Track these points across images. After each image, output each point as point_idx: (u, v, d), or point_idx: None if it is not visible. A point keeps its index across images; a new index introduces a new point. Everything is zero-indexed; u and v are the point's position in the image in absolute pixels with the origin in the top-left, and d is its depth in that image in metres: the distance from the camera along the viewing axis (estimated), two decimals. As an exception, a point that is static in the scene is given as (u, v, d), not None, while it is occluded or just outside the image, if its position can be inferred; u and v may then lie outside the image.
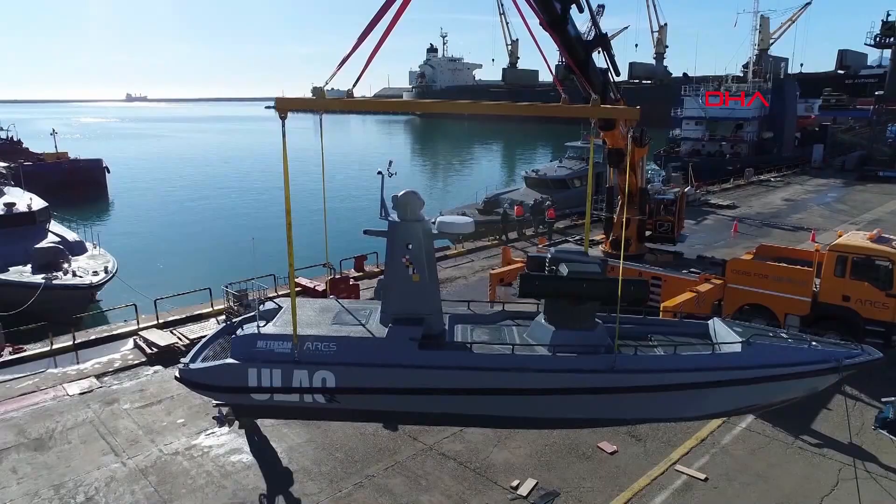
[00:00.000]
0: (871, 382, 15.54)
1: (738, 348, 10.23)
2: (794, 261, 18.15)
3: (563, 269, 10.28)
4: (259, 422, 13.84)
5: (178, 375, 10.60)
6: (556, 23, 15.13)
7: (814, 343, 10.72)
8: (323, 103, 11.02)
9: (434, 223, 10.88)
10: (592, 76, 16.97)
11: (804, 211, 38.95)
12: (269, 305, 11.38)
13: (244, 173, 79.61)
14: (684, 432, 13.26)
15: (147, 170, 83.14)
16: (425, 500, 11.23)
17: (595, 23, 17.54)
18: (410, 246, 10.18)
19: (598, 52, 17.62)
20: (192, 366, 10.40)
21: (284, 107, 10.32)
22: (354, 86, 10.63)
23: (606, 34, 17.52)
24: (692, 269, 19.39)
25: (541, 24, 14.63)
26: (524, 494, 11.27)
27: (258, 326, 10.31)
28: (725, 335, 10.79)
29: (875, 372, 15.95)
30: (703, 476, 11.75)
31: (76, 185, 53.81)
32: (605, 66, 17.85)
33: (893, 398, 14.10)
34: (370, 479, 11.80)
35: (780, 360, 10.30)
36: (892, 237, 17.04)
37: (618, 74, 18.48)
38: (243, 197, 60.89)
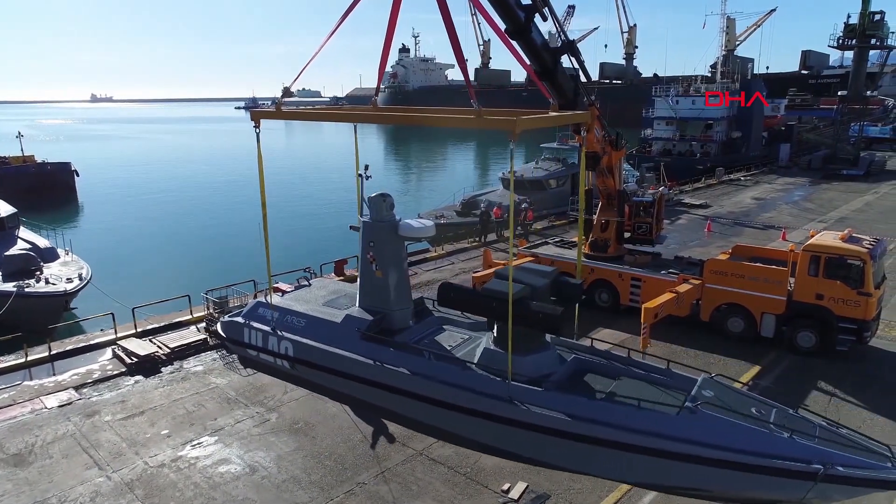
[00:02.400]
0: (846, 377, 16.07)
1: (674, 412, 8.74)
2: (769, 260, 18.62)
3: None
4: (246, 430, 13.78)
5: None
6: (521, 32, 15.23)
7: (806, 436, 8.28)
8: (293, 115, 12.17)
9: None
10: (562, 82, 17.10)
11: (774, 210, 39.87)
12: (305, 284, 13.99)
13: (217, 176, 78.54)
14: (669, 431, 13.53)
15: (116, 173, 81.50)
16: (418, 506, 11.28)
17: (562, 29, 17.63)
18: (373, 244, 11.29)
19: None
20: (224, 318, 13.29)
21: (258, 117, 11.55)
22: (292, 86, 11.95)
23: (574, 40, 17.68)
24: (671, 270, 19.77)
25: (503, 33, 14.65)
26: (515, 498, 11.36)
27: (265, 296, 12.70)
28: (696, 397, 9.11)
29: (851, 368, 16.58)
30: (688, 475, 11.98)
31: (44, 190, 52.62)
32: (575, 72, 18.03)
33: None
34: (361, 487, 11.78)
35: (724, 441, 8.30)
36: (863, 237, 17.60)
37: (588, 80, 18.67)
38: (218, 201, 60.10)
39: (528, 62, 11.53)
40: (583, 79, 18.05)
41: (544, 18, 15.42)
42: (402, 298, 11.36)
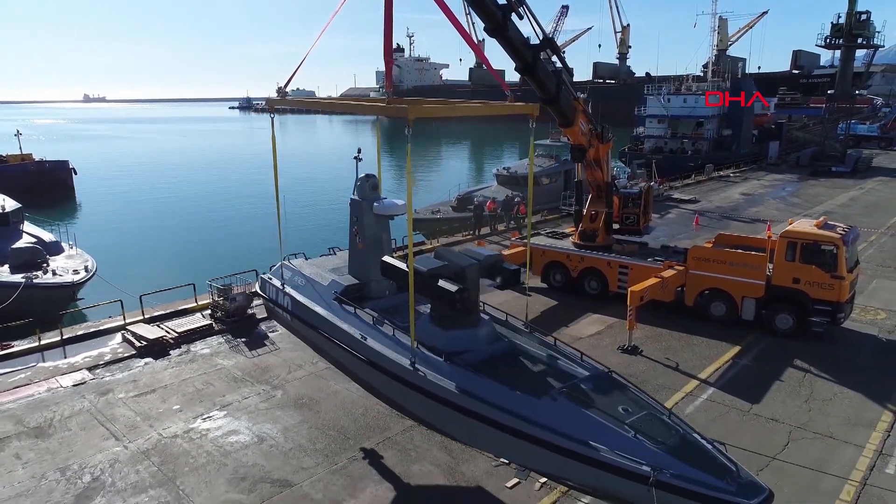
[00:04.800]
0: (821, 356, 16.97)
1: (538, 397, 8.88)
2: (749, 248, 19.49)
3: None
4: (254, 406, 14.59)
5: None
6: (499, 29, 16.19)
7: (660, 442, 8.01)
8: (298, 102, 13.25)
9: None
10: (543, 78, 17.97)
11: (761, 204, 40.85)
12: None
13: (212, 174, 79.13)
14: (651, 404, 14.40)
15: (112, 171, 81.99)
16: (416, 469, 12.11)
17: (540, 27, 18.25)
18: (356, 219, 12.61)
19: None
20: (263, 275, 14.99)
21: (273, 104, 13.15)
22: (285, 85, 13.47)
23: (552, 37, 18.40)
24: (656, 258, 20.64)
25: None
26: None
27: (288, 260, 14.23)
28: (573, 386, 9.23)
29: (826, 348, 17.50)
30: (668, 441, 12.84)
31: (43, 188, 53.06)
32: (559, 68, 18.83)
33: None
34: (363, 453, 12.61)
35: (569, 429, 8.30)
36: (837, 224, 18.53)
37: (571, 75, 19.48)
38: (214, 198, 60.76)
39: (487, 57, 12.33)
40: (566, 75, 18.87)
41: (520, 17, 16.27)
42: (378, 270, 12.40)
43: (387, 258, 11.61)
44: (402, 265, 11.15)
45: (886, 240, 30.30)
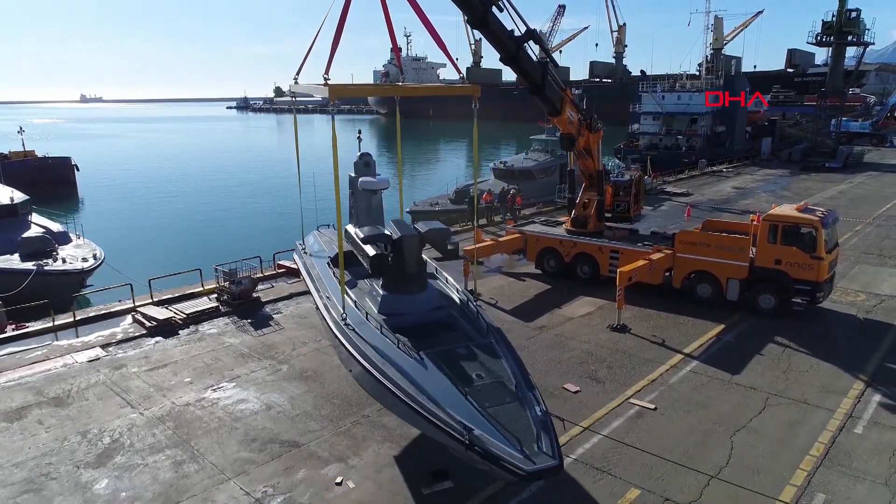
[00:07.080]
0: (801, 333, 17.80)
1: (414, 358, 9.56)
2: (734, 232, 20.31)
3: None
4: (261, 378, 15.37)
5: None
6: (480, 22, 16.96)
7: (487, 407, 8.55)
8: (310, 88, 14.46)
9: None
10: (527, 68, 18.81)
11: (752, 197, 41.71)
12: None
13: (212, 168, 79.84)
14: (638, 375, 15.26)
15: (111, 169, 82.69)
16: (415, 431, 12.84)
17: (522, 20, 18.86)
18: (352, 192, 14.30)
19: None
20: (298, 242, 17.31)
21: (296, 91, 14.52)
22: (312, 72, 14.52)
23: (535, 29, 19.16)
24: (645, 242, 21.47)
25: (467, 22, 16.40)
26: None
27: (319, 229, 17.08)
28: (447, 350, 9.98)
29: (806, 326, 18.33)
30: (652, 406, 13.67)
31: (46, 183, 53.69)
32: (546, 60, 19.69)
33: None
34: (366, 418, 13.40)
35: (415, 382, 9.12)
36: (817, 208, 19.37)
37: (556, 66, 20.31)
38: (214, 190, 61.54)
39: (447, 45, 12.93)
40: (552, 66, 19.73)
41: (500, 10, 17.05)
42: None
43: (349, 227, 12.58)
44: (358, 233, 12.29)
45: (871, 230, 31.18)
